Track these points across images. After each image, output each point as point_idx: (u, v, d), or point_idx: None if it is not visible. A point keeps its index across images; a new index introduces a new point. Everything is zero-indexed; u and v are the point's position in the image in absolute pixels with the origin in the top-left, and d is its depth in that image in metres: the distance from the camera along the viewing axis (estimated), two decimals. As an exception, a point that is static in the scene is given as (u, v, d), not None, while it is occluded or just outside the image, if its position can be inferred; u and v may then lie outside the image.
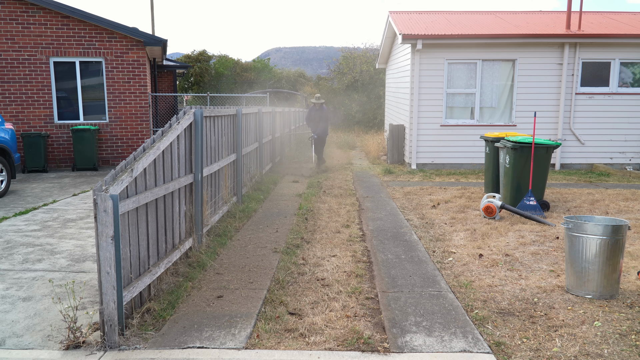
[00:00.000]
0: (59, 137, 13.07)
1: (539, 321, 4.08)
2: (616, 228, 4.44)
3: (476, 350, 3.60)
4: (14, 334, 3.81)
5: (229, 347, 3.63)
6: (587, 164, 13.04)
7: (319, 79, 33.50)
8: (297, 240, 6.44)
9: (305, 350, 3.58)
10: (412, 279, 5.06)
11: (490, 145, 8.84)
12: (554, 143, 7.77)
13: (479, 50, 12.65)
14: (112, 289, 3.57)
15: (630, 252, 5.83)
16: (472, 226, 7.15)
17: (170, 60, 19.18)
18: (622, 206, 8.46)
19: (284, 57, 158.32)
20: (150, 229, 4.36)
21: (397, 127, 14.01)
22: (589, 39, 12.41)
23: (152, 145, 4.42)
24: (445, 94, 12.81)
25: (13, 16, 12.50)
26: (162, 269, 4.54)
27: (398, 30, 12.77)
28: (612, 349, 3.61)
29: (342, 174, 12.35)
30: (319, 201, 8.95)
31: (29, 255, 5.73)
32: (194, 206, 5.63)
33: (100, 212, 3.49)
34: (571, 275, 4.65)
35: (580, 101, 12.78)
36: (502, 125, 12.85)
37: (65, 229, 6.90)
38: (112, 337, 3.58)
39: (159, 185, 4.53)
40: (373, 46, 31.00)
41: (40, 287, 4.74)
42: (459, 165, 13.06)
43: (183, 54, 32.14)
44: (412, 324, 4.01)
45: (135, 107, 13.27)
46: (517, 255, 5.78)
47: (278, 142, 14.13)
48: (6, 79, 12.67)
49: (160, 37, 13.49)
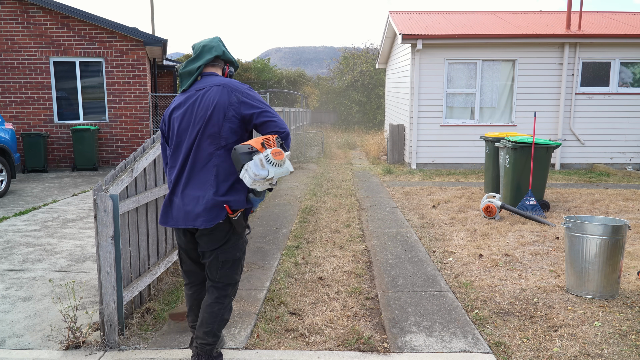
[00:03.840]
0: (59, 137, 13.07)
1: (539, 321, 4.08)
2: (616, 228, 4.44)
3: (476, 350, 3.60)
4: (14, 334, 3.81)
5: (229, 347, 3.63)
6: (587, 164, 13.04)
7: (319, 79, 33.51)
8: (297, 239, 6.44)
9: (305, 350, 3.58)
10: (412, 279, 5.06)
11: (490, 145, 8.84)
12: (554, 143, 7.77)
13: (479, 50, 12.65)
14: (112, 289, 3.57)
15: (630, 252, 5.83)
16: (472, 226, 7.15)
17: (171, 60, 19.18)
18: (622, 206, 8.46)
19: (284, 57, 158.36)
20: (150, 229, 4.36)
21: (397, 127, 14.01)
22: (589, 39, 12.41)
23: (152, 145, 4.42)
24: (445, 94, 12.81)
25: (13, 16, 12.50)
26: (162, 269, 4.54)
27: (398, 30, 12.77)
28: (612, 349, 3.61)
29: (342, 174, 12.35)
30: (319, 201, 8.95)
31: (29, 255, 5.73)
32: (194, 206, 5.62)
33: (100, 212, 3.49)
34: (571, 275, 4.65)
35: (580, 101, 12.78)
36: (502, 125, 12.85)
37: (65, 229, 6.90)
38: (112, 337, 3.58)
39: (159, 185, 4.53)
40: (373, 46, 31.01)
41: (40, 287, 4.74)
42: (459, 165, 13.06)
43: (183, 54, 32.14)
44: (412, 324, 4.01)
45: (135, 107, 13.27)
46: (517, 255, 5.78)
47: (278, 142, 14.09)
48: (6, 79, 12.67)
49: (160, 37, 13.49)
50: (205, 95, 2.96)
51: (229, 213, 2.91)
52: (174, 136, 3.05)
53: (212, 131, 2.91)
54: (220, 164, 2.92)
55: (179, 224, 3.00)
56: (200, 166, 2.95)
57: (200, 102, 2.97)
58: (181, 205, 2.98)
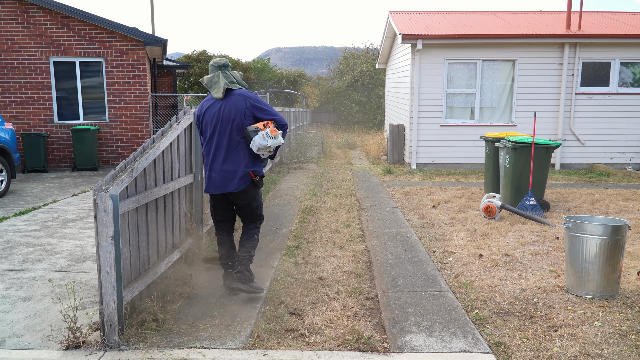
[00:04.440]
0: (59, 137, 13.07)
1: (539, 321, 4.08)
2: (616, 228, 4.44)
3: (476, 350, 3.60)
4: (14, 334, 3.81)
5: (229, 347, 3.63)
6: (587, 164, 13.04)
7: (319, 79, 33.51)
8: (297, 239, 6.44)
9: (305, 351, 3.58)
10: (412, 279, 5.06)
11: (490, 145, 8.84)
12: (554, 143, 7.77)
13: (479, 50, 12.65)
14: (112, 289, 3.57)
15: (630, 252, 5.83)
16: (472, 226, 7.15)
17: (170, 60, 19.17)
18: (622, 206, 8.46)
19: (284, 57, 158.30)
20: (150, 229, 4.36)
21: (397, 127, 14.01)
22: (589, 39, 12.41)
23: (152, 145, 4.42)
24: (445, 94, 12.81)
25: (13, 16, 12.50)
26: (162, 269, 4.54)
27: (398, 30, 12.77)
28: (612, 349, 3.61)
29: (342, 174, 12.35)
30: (319, 201, 8.95)
31: (29, 255, 5.73)
32: (194, 206, 5.63)
33: (100, 212, 3.49)
34: (571, 275, 4.65)
35: (580, 101, 12.78)
36: (502, 125, 12.85)
37: (65, 229, 6.90)
38: (112, 337, 3.58)
39: (159, 185, 4.53)
40: (373, 46, 31.00)
41: (40, 287, 4.74)
42: (459, 165, 13.06)
43: (183, 54, 32.14)
44: (412, 324, 4.01)
45: (135, 107, 13.27)
46: (517, 255, 5.78)
47: (278, 142, 14.09)
48: (6, 79, 12.67)
49: (160, 37, 13.49)
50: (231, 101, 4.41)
51: (252, 178, 4.44)
52: (208, 129, 4.45)
53: (237, 126, 4.36)
54: (245, 148, 4.38)
55: (219, 191, 4.44)
56: (232, 149, 4.38)
57: (227, 105, 4.40)
58: (219, 177, 4.41)
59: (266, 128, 4.30)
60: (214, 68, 4.48)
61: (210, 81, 4.46)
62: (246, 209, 4.64)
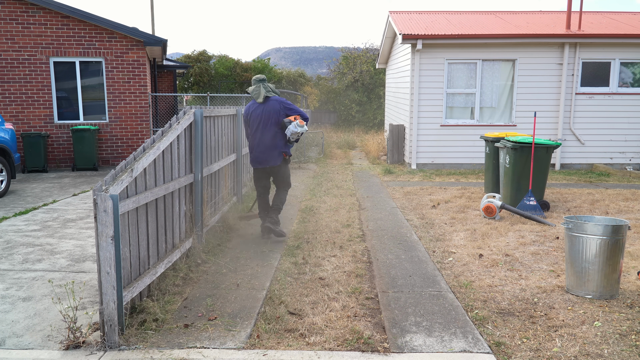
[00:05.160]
0: (59, 137, 13.07)
1: (539, 321, 4.08)
2: (616, 228, 4.44)
3: (476, 350, 3.60)
4: (14, 334, 3.81)
5: (229, 347, 3.63)
6: (587, 164, 13.04)
7: (319, 79, 33.49)
8: (297, 239, 6.44)
9: (305, 350, 3.58)
10: (412, 279, 5.06)
11: (490, 145, 8.84)
12: (554, 143, 7.77)
13: (479, 50, 12.65)
14: (112, 289, 3.57)
15: (630, 252, 5.83)
16: (472, 226, 7.15)
17: (170, 60, 19.17)
18: (622, 206, 8.46)
19: (284, 57, 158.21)
20: (150, 229, 4.36)
21: (397, 127, 14.01)
22: (589, 39, 12.41)
23: (152, 145, 4.42)
24: (445, 94, 12.81)
25: (13, 16, 12.50)
26: (162, 269, 4.54)
27: (398, 30, 12.77)
28: (612, 349, 3.61)
29: (342, 174, 12.35)
30: (319, 201, 8.95)
31: (29, 255, 5.74)
32: (194, 206, 5.63)
33: (100, 212, 3.49)
34: (571, 275, 4.65)
35: (580, 101, 12.78)
36: (502, 125, 12.85)
37: (65, 229, 6.90)
38: (112, 337, 3.59)
39: (159, 185, 4.53)
40: (373, 46, 30.97)
41: (40, 287, 4.74)
42: (459, 165, 13.06)
43: (183, 54, 32.12)
44: (412, 324, 4.01)
45: (135, 107, 13.27)
46: (517, 255, 5.78)
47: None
48: (6, 79, 12.67)
49: (160, 37, 13.49)
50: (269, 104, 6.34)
51: (284, 156, 6.40)
52: (254, 124, 6.35)
53: (275, 121, 6.29)
54: (280, 136, 6.31)
55: (262, 165, 6.38)
56: (271, 137, 6.29)
57: (267, 107, 6.32)
58: (262, 156, 6.33)
59: (295, 120, 6.19)
60: (256, 81, 6.37)
61: (253, 91, 6.35)
62: (279, 178, 6.53)
